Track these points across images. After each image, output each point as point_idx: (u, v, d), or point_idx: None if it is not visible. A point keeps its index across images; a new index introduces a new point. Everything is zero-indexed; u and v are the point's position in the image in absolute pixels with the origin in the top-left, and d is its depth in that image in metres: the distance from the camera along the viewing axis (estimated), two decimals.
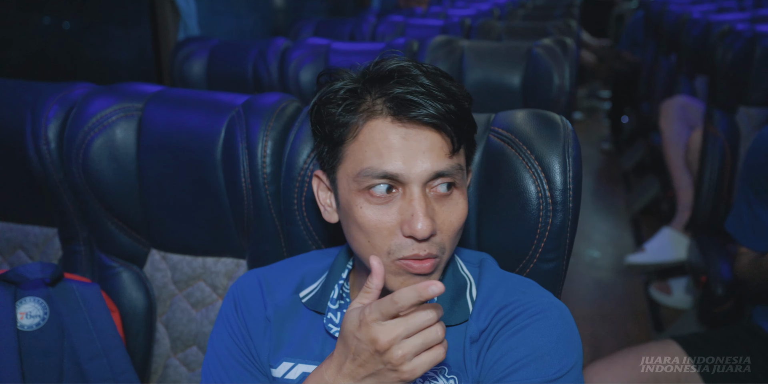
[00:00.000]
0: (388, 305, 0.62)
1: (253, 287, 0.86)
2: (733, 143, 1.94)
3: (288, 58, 1.97)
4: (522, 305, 0.73)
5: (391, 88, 0.70)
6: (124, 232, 1.13)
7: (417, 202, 0.69)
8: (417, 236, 0.69)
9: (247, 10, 3.28)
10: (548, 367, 0.68)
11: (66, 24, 2.04)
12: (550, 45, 1.68)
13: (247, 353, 0.84)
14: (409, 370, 0.63)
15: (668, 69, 3.39)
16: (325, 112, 0.74)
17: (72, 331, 0.94)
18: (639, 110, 4.16)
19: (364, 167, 0.70)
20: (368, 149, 0.71)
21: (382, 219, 0.71)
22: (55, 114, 1.13)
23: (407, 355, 0.62)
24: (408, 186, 0.70)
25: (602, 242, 3.19)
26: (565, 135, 0.83)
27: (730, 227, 1.36)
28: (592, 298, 2.62)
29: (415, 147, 0.69)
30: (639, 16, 4.85)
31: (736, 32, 1.99)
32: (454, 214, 0.73)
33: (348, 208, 0.73)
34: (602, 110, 5.86)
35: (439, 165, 0.70)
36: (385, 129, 0.70)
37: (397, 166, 0.69)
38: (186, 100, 1.09)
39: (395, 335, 0.62)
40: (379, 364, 0.63)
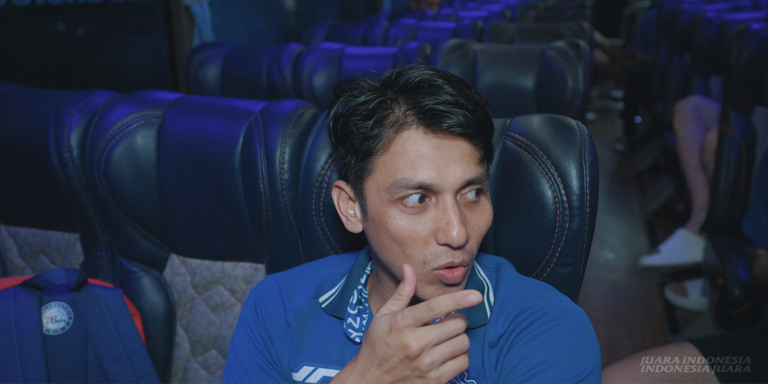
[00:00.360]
0: (424, 312, 0.63)
1: (273, 292, 0.87)
2: (749, 144, 1.92)
3: (301, 62, 1.99)
4: (540, 310, 0.74)
5: (421, 99, 0.71)
6: (145, 238, 1.15)
7: (452, 211, 0.70)
8: (453, 244, 0.70)
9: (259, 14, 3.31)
10: (566, 372, 0.69)
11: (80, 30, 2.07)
12: (563, 47, 1.68)
13: (268, 357, 0.85)
14: (436, 378, 0.64)
15: (682, 69, 3.37)
16: (352, 125, 0.74)
17: (95, 335, 0.96)
18: (652, 110, 4.13)
19: (397, 178, 0.71)
20: (401, 160, 0.71)
21: (417, 229, 0.71)
22: (77, 122, 1.15)
23: (436, 363, 0.63)
24: (441, 195, 0.71)
25: (616, 244, 3.17)
26: (582, 140, 0.83)
27: (747, 229, 1.36)
28: (606, 300, 2.60)
29: (448, 156, 0.71)
30: (652, 16, 4.81)
31: (751, 32, 1.98)
32: (483, 220, 0.74)
33: (380, 218, 0.74)
34: (615, 110, 5.82)
35: (470, 173, 0.72)
36: (418, 140, 0.71)
37: (431, 176, 0.70)
38: (205, 108, 1.11)
39: (426, 341, 0.63)
40: (407, 370, 0.64)
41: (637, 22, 6.05)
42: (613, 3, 6.74)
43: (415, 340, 0.63)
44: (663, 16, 4.17)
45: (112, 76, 2.23)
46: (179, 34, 2.35)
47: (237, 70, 2.14)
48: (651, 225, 3.34)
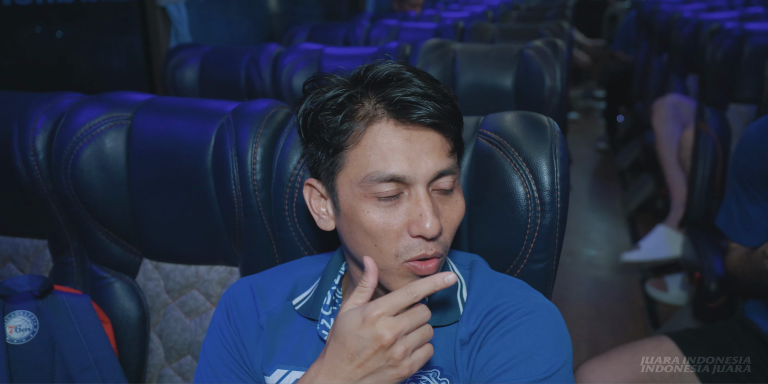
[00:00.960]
0: (402, 298, 0.64)
1: (245, 295, 0.85)
2: (724, 140, 1.93)
3: (281, 63, 1.97)
4: (511, 306, 0.73)
5: (390, 91, 0.70)
6: (116, 243, 1.12)
7: (424, 202, 0.70)
8: (427, 235, 0.69)
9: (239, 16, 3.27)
10: (538, 367, 0.68)
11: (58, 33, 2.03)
12: (541, 47, 1.68)
13: (240, 361, 0.83)
14: (408, 366, 0.64)
15: (660, 68, 3.40)
16: (322, 120, 0.73)
17: (62, 344, 0.93)
18: (633, 109, 4.16)
19: (369, 172, 0.70)
20: (372, 153, 0.71)
21: (390, 221, 0.71)
22: (43, 125, 1.12)
23: (408, 351, 0.64)
24: (413, 187, 0.71)
25: (599, 241, 3.19)
26: (552, 136, 0.82)
27: (720, 223, 1.36)
28: (589, 296, 2.61)
29: (419, 148, 0.70)
30: (632, 16, 4.86)
31: (725, 31, 2.00)
32: (455, 212, 0.74)
33: (352, 213, 0.73)
34: (598, 110, 5.86)
35: (441, 164, 0.71)
36: (389, 132, 0.71)
37: (403, 168, 0.70)
38: (175, 108, 1.08)
39: (400, 330, 0.63)
40: (381, 360, 0.64)
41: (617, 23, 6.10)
42: (595, 4, 6.79)
43: (389, 328, 0.63)
44: (642, 16, 4.21)
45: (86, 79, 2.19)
46: (155, 35, 2.31)
47: (215, 71, 2.12)
48: (632, 222, 3.36)
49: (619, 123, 4.79)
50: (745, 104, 1.93)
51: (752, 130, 1.30)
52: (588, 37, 5.97)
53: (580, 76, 6.02)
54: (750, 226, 1.30)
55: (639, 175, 3.70)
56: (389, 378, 0.64)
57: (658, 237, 2.59)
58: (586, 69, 5.75)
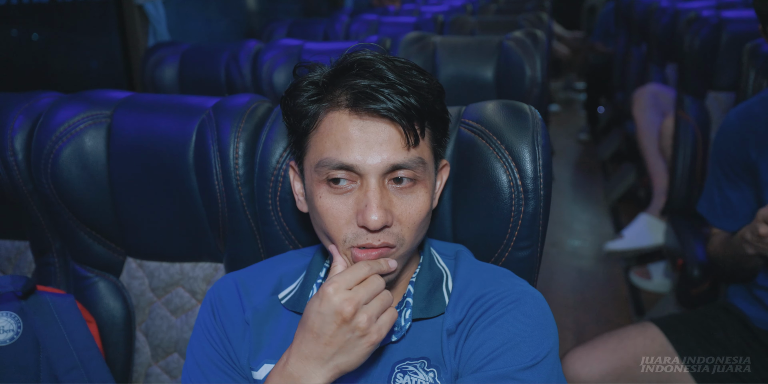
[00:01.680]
0: (350, 275, 0.67)
1: (230, 291, 0.85)
2: (703, 128, 1.96)
3: (261, 59, 1.95)
4: (497, 295, 0.73)
5: (351, 80, 0.71)
6: (99, 242, 1.11)
7: (372, 194, 0.70)
8: (369, 226, 0.70)
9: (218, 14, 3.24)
10: (525, 355, 0.68)
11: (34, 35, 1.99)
12: (520, 37, 1.68)
13: (226, 358, 0.82)
14: (377, 331, 0.66)
15: (640, 58, 3.43)
16: (291, 103, 0.75)
17: (47, 344, 0.92)
18: (613, 100, 4.19)
19: (323, 158, 0.72)
20: (327, 140, 0.72)
21: (339, 208, 0.72)
22: (21, 124, 1.10)
23: (372, 318, 0.66)
24: (365, 177, 0.71)
25: (583, 231, 3.22)
26: (534, 124, 0.83)
27: (702, 209, 1.38)
28: (574, 286, 2.63)
29: (373, 139, 0.70)
30: (610, 8, 4.89)
31: (702, 19, 2.02)
32: (414, 207, 0.73)
33: (311, 197, 0.75)
34: (578, 101, 5.90)
35: (397, 157, 0.70)
36: (344, 121, 0.71)
37: (354, 158, 0.70)
38: (156, 105, 1.07)
39: (358, 300, 0.65)
40: (347, 333, 0.65)
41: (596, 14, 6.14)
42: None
43: (348, 302, 0.65)
44: (620, 8, 4.24)
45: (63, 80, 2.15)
46: (133, 34, 2.28)
47: (194, 69, 2.10)
48: (615, 211, 3.39)
49: (600, 114, 4.83)
50: (724, 92, 1.95)
51: (732, 116, 1.32)
52: (567, 30, 6.00)
53: (560, 68, 6.05)
54: (731, 212, 1.32)
55: (620, 164, 3.74)
56: (361, 348, 0.66)
57: (640, 225, 2.62)
58: (566, 61, 5.78)
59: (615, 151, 4.03)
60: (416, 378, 0.73)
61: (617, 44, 4.22)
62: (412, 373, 0.74)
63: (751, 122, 1.28)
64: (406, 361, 0.74)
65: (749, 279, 1.31)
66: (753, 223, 1.12)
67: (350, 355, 0.66)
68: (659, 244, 2.52)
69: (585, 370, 1.28)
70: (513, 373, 0.67)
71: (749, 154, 1.27)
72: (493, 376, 0.67)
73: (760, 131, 1.26)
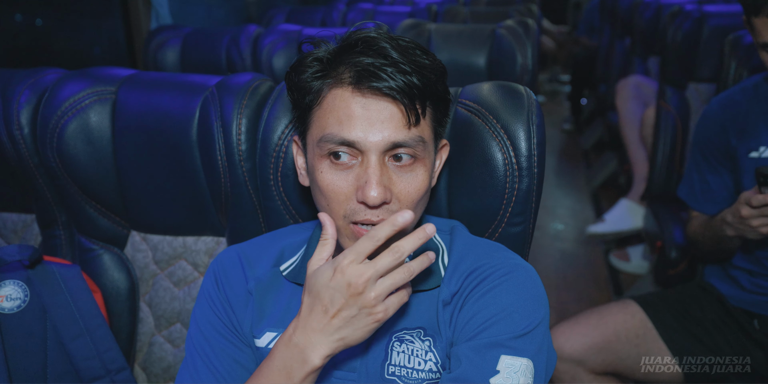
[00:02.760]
0: (365, 243, 0.63)
1: (233, 262, 0.84)
2: (683, 117, 1.96)
3: (260, 44, 1.92)
4: (491, 267, 0.73)
5: (355, 57, 0.69)
6: (103, 215, 1.09)
7: (372, 170, 0.69)
8: (368, 202, 0.68)
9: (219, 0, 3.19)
10: (517, 324, 0.68)
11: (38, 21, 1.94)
12: (512, 26, 1.67)
13: (229, 325, 0.82)
14: (383, 310, 0.64)
15: (623, 51, 3.42)
16: (296, 79, 0.74)
17: (54, 312, 0.91)
18: (597, 92, 4.19)
19: (325, 133, 0.70)
20: (330, 116, 0.70)
21: (340, 184, 0.70)
22: (27, 99, 1.08)
23: (380, 296, 0.63)
24: (366, 154, 0.69)
25: (565, 215, 3.23)
26: (529, 104, 0.82)
27: (682, 193, 1.38)
28: (556, 267, 2.65)
29: (374, 117, 0.69)
30: (595, 3, 4.87)
31: (685, 12, 2.01)
32: (413, 185, 0.71)
33: (312, 171, 0.73)
34: (563, 93, 5.89)
35: (397, 135, 0.69)
36: (347, 98, 0.69)
37: (356, 135, 0.69)
38: (159, 83, 1.05)
39: (368, 276, 0.63)
40: (354, 308, 0.64)
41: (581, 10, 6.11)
42: None
43: (358, 276, 0.63)
44: (605, 2, 4.22)
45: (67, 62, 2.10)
46: (136, 17, 2.24)
47: (196, 52, 2.06)
48: (596, 197, 3.41)
49: (583, 105, 4.83)
50: (704, 83, 1.95)
51: (714, 104, 1.32)
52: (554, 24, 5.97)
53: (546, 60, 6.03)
54: (710, 196, 1.32)
55: (602, 153, 3.75)
56: (365, 324, 0.64)
57: (621, 210, 2.63)
58: (552, 54, 5.76)
59: (597, 141, 4.04)
60: (412, 346, 0.73)
61: (601, 38, 4.20)
62: (409, 342, 0.73)
63: (732, 110, 1.28)
64: (403, 330, 0.74)
65: (727, 259, 1.32)
66: (735, 206, 1.13)
67: (355, 330, 0.65)
68: (638, 227, 2.54)
69: (568, 344, 1.28)
70: (505, 341, 0.67)
71: (729, 141, 1.27)
72: (486, 344, 0.67)
73: (740, 119, 1.26)
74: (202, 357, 0.80)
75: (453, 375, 0.67)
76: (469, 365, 0.66)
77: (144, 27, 2.26)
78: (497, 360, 0.66)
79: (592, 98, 4.67)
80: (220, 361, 0.79)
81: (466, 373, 0.66)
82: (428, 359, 0.73)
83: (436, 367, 0.72)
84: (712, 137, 1.30)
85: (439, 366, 0.72)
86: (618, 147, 3.08)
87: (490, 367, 0.66)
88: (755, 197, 1.06)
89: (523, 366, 0.66)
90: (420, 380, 0.72)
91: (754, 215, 1.08)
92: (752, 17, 1.10)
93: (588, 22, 4.96)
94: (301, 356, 0.66)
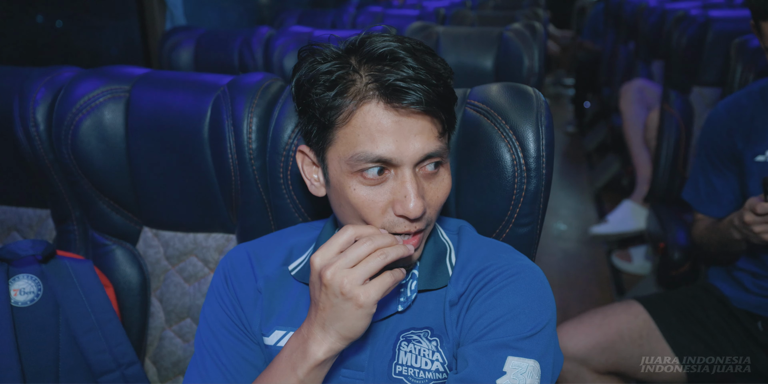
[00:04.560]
0: (339, 237, 0.66)
1: (242, 261, 0.82)
2: (687, 121, 1.93)
3: (272, 45, 1.91)
4: (498, 268, 0.71)
5: (382, 73, 0.65)
6: (116, 211, 1.08)
7: (410, 184, 0.67)
8: (410, 216, 0.67)
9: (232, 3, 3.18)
10: (524, 325, 0.66)
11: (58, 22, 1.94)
12: (520, 29, 1.64)
13: (238, 323, 0.80)
14: (362, 293, 0.63)
15: (626, 55, 3.38)
16: (314, 94, 0.68)
17: (66, 306, 0.90)
18: (600, 95, 4.16)
19: (357, 151, 0.67)
20: (361, 133, 0.66)
21: (375, 199, 0.68)
22: (43, 96, 1.07)
23: (354, 281, 0.63)
24: (400, 168, 0.67)
25: (568, 216, 3.20)
26: (538, 105, 0.79)
27: (687, 195, 1.36)
28: (559, 266, 2.62)
29: (407, 131, 0.66)
30: (599, 8, 4.83)
31: (690, 17, 1.97)
32: (441, 190, 0.71)
33: (340, 188, 0.70)
34: (567, 96, 5.86)
35: (430, 147, 0.67)
36: (378, 114, 0.66)
37: (390, 150, 0.66)
38: (172, 82, 1.03)
39: (337, 265, 0.63)
40: (332, 298, 0.63)
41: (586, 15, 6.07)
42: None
43: (326, 266, 0.64)
44: (610, 8, 4.18)
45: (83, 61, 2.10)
46: (151, 17, 2.23)
47: (209, 53, 2.05)
48: (599, 199, 3.38)
49: (586, 108, 4.79)
50: (708, 87, 1.92)
51: (720, 108, 1.29)
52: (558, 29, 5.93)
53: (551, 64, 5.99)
54: (716, 198, 1.30)
55: (605, 155, 3.71)
56: (350, 313, 0.64)
57: (624, 211, 2.60)
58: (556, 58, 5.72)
59: (600, 143, 4.01)
60: (420, 346, 0.71)
61: (605, 42, 4.16)
62: (416, 342, 0.72)
63: (739, 114, 1.25)
64: (411, 330, 0.72)
65: (732, 261, 1.29)
66: (741, 211, 1.11)
67: (344, 321, 0.64)
68: (641, 229, 2.51)
69: (572, 344, 1.26)
70: (512, 343, 0.65)
71: (736, 144, 1.24)
72: (492, 345, 0.65)
73: (746, 122, 1.23)
74: (211, 354, 0.78)
75: (459, 375, 0.65)
76: (476, 366, 0.64)
77: (159, 28, 2.25)
78: (504, 361, 0.64)
79: (595, 101, 4.63)
80: (228, 358, 0.78)
81: (473, 374, 0.64)
82: (435, 359, 0.71)
83: (442, 368, 0.71)
84: (718, 140, 1.27)
85: (445, 366, 0.71)
86: (621, 149, 3.04)
87: (496, 368, 0.64)
88: (760, 205, 1.05)
89: (529, 367, 0.64)
90: (427, 380, 0.71)
91: (758, 222, 1.07)
92: (760, 21, 1.07)
93: (592, 26, 4.92)
94: (305, 350, 0.66)
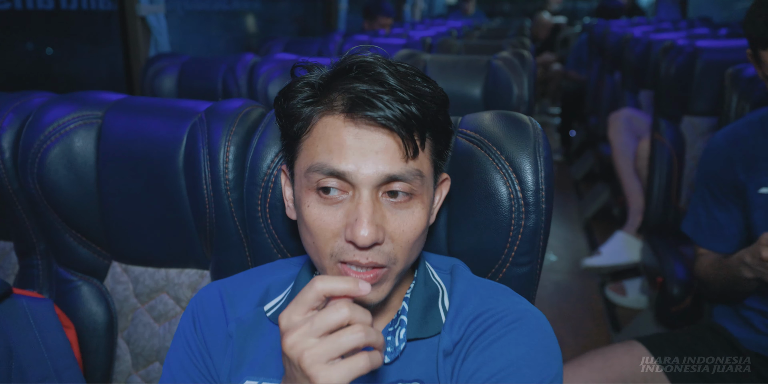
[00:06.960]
0: (303, 294, 0.51)
1: (213, 301, 0.75)
2: (679, 150, 1.91)
3: (257, 72, 1.88)
4: (497, 314, 0.65)
5: (349, 83, 0.61)
6: (84, 245, 1.01)
7: (363, 207, 0.60)
8: (357, 243, 0.59)
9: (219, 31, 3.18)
10: (528, 380, 0.59)
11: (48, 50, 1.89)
12: (508, 57, 1.63)
13: (205, 373, 0.73)
14: (323, 378, 0.48)
15: (612, 85, 3.41)
16: (285, 105, 0.66)
17: (20, 352, 0.81)
18: (587, 124, 4.18)
19: (313, 162, 0.62)
20: (320, 145, 0.62)
21: (327, 220, 0.62)
22: (10, 123, 1.01)
23: (315, 357, 0.49)
24: (358, 188, 0.61)
25: (558, 246, 3.15)
26: (535, 135, 0.75)
27: (687, 229, 1.31)
28: (551, 299, 2.56)
29: (368, 147, 0.60)
30: (583, 39, 4.93)
31: (678, 47, 1.99)
32: (408, 224, 0.62)
33: (299, 205, 0.65)
34: (552, 125, 5.90)
35: (393, 169, 0.61)
36: (338, 126, 0.62)
37: (346, 166, 0.60)
38: (148, 108, 0.98)
39: (299, 333, 0.50)
40: (295, 370, 0.50)
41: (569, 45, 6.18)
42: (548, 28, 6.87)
43: (289, 330, 0.50)
44: (593, 38, 4.26)
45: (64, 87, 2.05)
46: (135, 44, 2.20)
47: (193, 80, 2.01)
48: (589, 229, 3.34)
49: (572, 137, 4.82)
50: (699, 116, 1.91)
51: (719, 138, 1.26)
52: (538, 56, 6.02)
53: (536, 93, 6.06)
54: (719, 232, 1.25)
55: (592, 184, 3.70)
56: None
57: (617, 243, 2.56)
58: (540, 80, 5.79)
59: (588, 172, 4.01)
60: None
61: (590, 72, 4.22)
62: None
63: (739, 144, 1.22)
64: (398, 383, 0.65)
65: (740, 300, 1.23)
66: (755, 247, 1.05)
67: None
68: (635, 261, 2.46)
69: None
70: None
71: (737, 176, 1.21)
72: None
73: (747, 153, 1.20)
74: None
75: None
76: None
77: (143, 54, 2.22)
78: None
79: (581, 130, 4.66)
80: None
81: None
82: None
83: None
84: (718, 172, 1.23)
85: None
86: (610, 178, 3.03)
87: None
88: None
89: None
90: None
91: None
92: (759, 50, 1.05)
93: (576, 56, 5.00)
94: None
